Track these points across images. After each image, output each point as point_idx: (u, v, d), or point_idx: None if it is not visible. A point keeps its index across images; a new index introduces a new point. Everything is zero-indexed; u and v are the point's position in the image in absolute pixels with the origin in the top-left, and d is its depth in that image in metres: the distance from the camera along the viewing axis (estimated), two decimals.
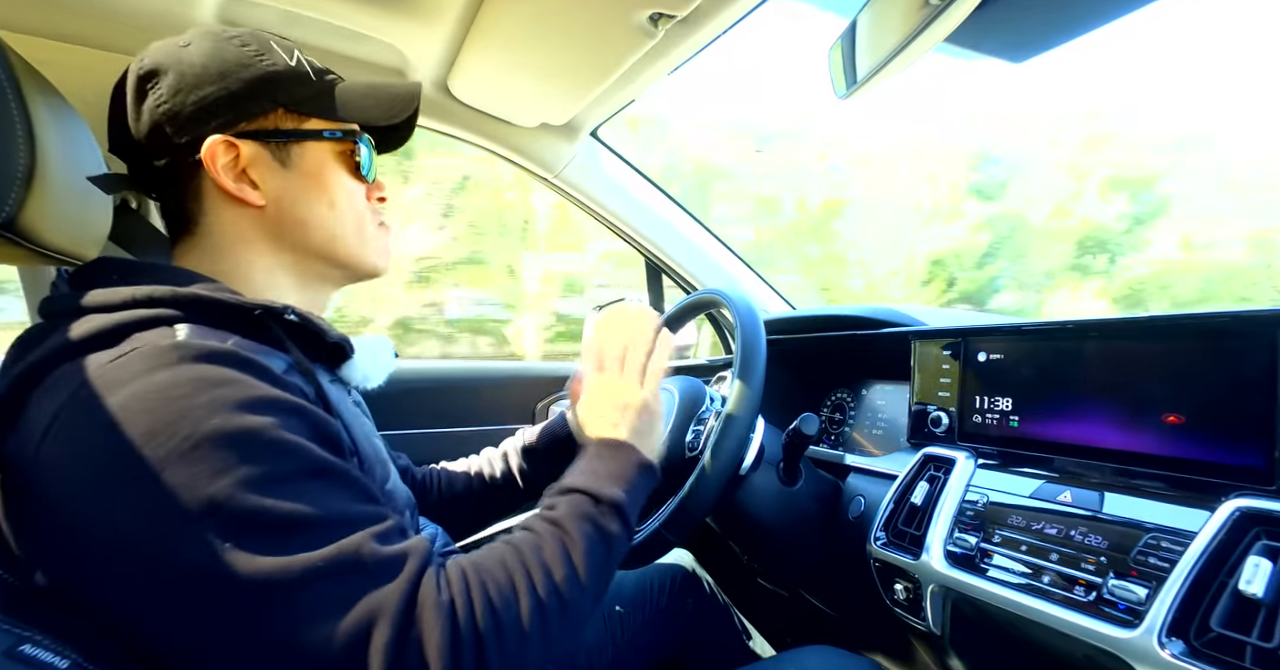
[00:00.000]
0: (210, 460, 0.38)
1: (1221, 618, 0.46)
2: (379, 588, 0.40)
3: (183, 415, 0.39)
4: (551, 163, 1.22)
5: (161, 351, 0.41)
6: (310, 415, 0.45)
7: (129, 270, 0.50)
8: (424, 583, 0.42)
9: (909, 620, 0.73)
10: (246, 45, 0.55)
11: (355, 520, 0.42)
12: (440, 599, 0.42)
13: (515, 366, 1.43)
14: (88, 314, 0.44)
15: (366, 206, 0.62)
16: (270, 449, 0.40)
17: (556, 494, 0.56)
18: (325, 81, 0.59)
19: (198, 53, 0.53)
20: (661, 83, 1.00)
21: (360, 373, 0.60)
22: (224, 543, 0.37)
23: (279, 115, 0.56)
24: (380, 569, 0.41)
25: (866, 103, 0.75)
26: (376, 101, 0.60)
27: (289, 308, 0.51)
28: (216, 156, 0.52)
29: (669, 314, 0.95)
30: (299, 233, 0.57)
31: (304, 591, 0.38)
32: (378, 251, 0.63)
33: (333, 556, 0.39)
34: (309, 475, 0.42)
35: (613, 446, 0.61)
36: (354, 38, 0.91)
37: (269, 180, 0.55)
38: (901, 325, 0.94)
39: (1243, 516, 0.49)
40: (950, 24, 0.57)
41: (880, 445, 1.03)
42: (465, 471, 0.88)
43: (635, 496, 0.57)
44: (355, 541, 0.40)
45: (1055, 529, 0.61)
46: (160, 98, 0.52)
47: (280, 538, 0.39)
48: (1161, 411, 0.59)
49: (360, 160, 0.60)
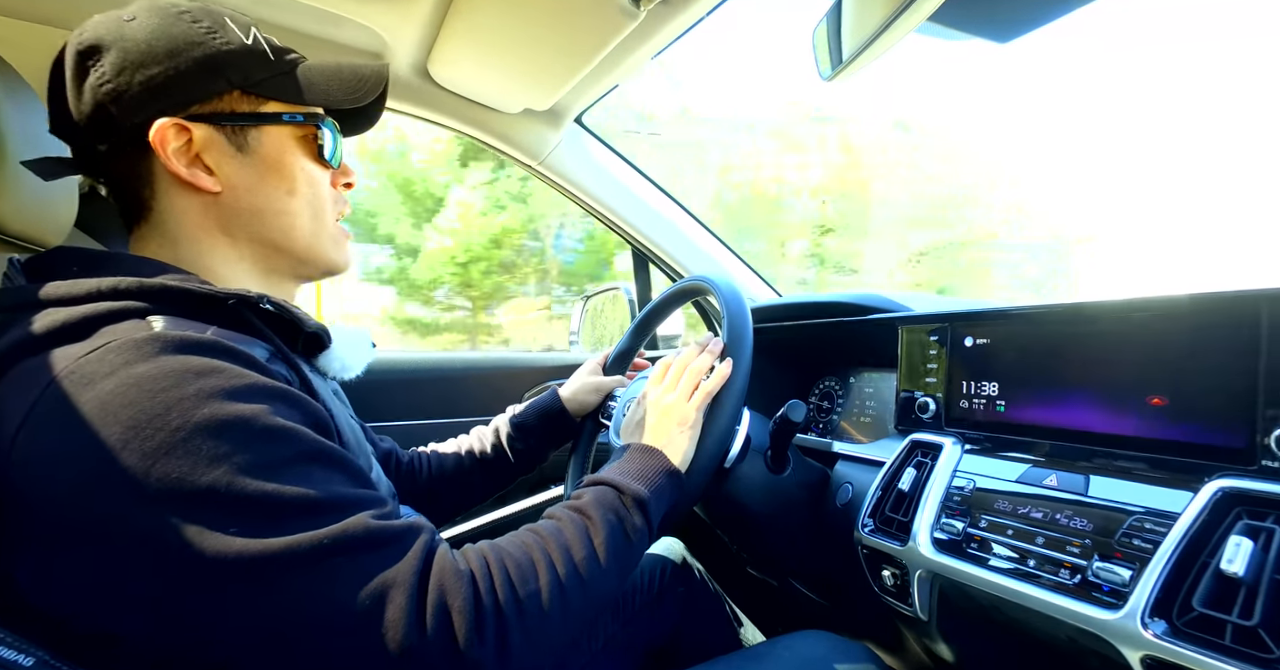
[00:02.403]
0: (205, 450, 0.37)
1: (1203, 597, 0.46)
2: (390, 561, 0.40)
3: (170, 407, 0.37)
4: (535, 149, 1.20)
5: (138, 343, 0.39)
6: (300, 401, 0.44)
7: (89, 261, 0.48)
8: (437, 555, 0.43)
9: (897, 606, 0.73)
10: (198, 21, 0.51)
11: (356, 501, 0.42)
12: (459, 567, 0.43)
13: (502, 357, 1.42)
14: (48, 307, 0.42)
15: (330, 194, 0.59)
16: (265, 435, 0.40)
17: (583, 486, 0.58)
18: (285, 61, 0.56)
19: (143, 28, 0.49)
20: (645, 67, 0.99)
21: (338, 363, 0.59)
22: (228, 529, 0.37)
23: (234, 97, 0.53)
24: (388, 544, 0.41)
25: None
26: (341, 82, 0.57)
27: (264, 297, 0.49)
28: (167, 140, 0.49)
29: (655, 302, 0.94)
30: (255, 222, 0.55)
31: (314, 569, 0.38)
32: (337, 247, 0.60)
33: (338, 534, 0.39)
34: (307, 459, 0.42)
35: (644, 451, 0.63)
36: (330, 20, 0.89)
37: (224, 165, 0.52)
38: (888, 311, 0.93)
39: (1225, 497, 0.49)
40: (935, 1, 0.56)
41: (868, 432, 1.03)
42: (455, 451, 0.88)
43: (659, 497, 0.59)
44: (359, 520, 0.40)
45: (1041, 513, 0.61)
46: (103, 76, 0.48)
47: (284, 521, 0.38)
48: (1146, 394, 0.59)
49: (324, 144, 0.57)
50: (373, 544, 0.40)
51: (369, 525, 0.40)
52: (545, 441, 0.90)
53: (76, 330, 0.41)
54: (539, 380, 1.35)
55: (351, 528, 0.40)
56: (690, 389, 0.69)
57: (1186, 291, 0.57)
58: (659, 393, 0.70)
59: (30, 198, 0.54)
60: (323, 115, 0.58)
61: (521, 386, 1.33)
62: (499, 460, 0.88)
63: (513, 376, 1.35)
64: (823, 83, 0.74)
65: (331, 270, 0.61)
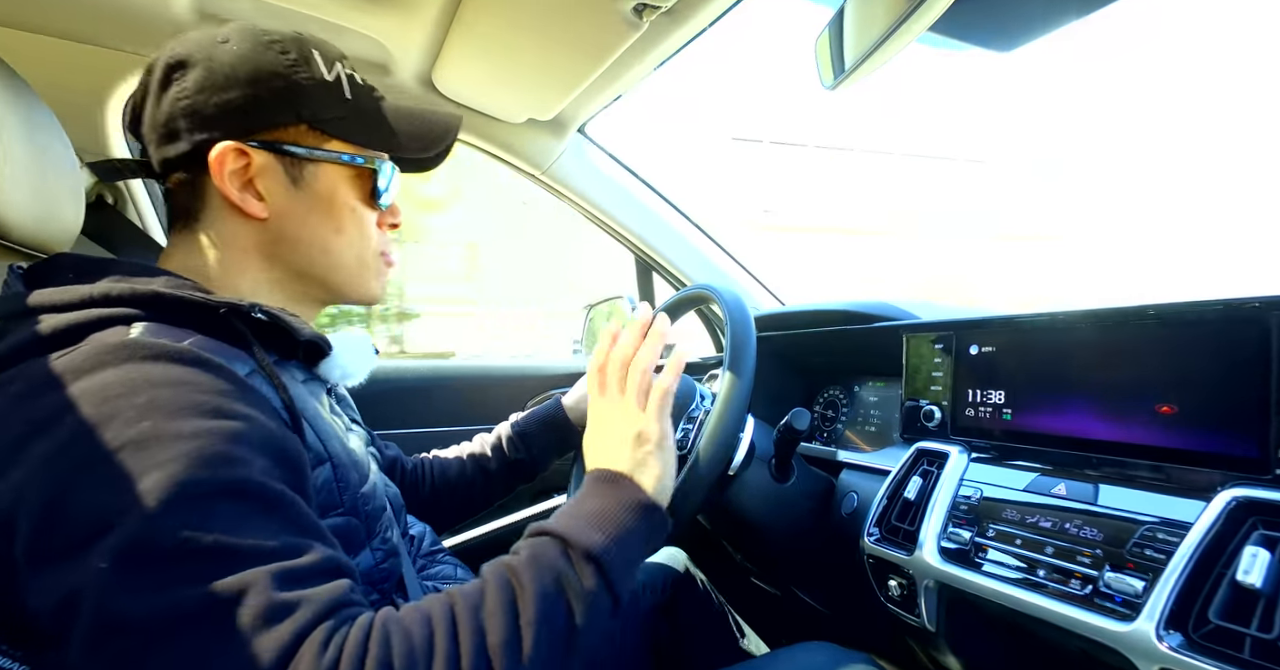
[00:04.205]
0: (124, 467, 0.35)
1: (1220, 609, 0.45)
2: (258, 636, 0.34)
3: (115, 414, 0.36)
4: (539, 159, 1.21)
5: (110, 349, 0.39)
6: (261, 427, 0.41)
7: (85, 267, 0.48)
8: (308, 641, 0.35)
9: (903, 617, 0.72)
10: (286, 52, 0.52)
11: (259, 554, 0.37)
12: (321, 660, 0.35)
13: (505, 365, 1.42)
14: (41, 314, 0.42)
15: (375, 234, 0.59)
16: (197, 460, 0.36)
17: (527, 536, 0.47)
18: (362, 101, 0.56)
19: (232, 53, 0.51)
20: (649, 77, 0.99)
21: (339, 370, 0.58)
22: (107, 567, 0.34)
23: (301, 130, 0.53)
24: (261, 619, 0.35)
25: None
26: (411, 130, 0.57)
27: (255, 305, 0.48)
28: (225, 162, 0.50)
29: (658, 310, 0.93)
30: (297, 252, 0.55)
31: (172, 628, 0.34)
32: (377, 283, 0.60)
33: (214, 594, 0.34)
34: (229, 496, 0.37)
35: (607, 481, 0.51)
36: (335, 31, 0.90)
37: (276, 195, 0.53)
38: (893, 319, 0.93)
39: (1239, 506, 0.48)
40: (937, 10, 0.57)
41: (872, 441, 1.03)
42: (458, 457, 0.88)
43: (626, 543, 0.47)
44: (245, 580, 0.35)
45: (1050, 522, 0.60)
46: (184, 91, 0.50)
47: (162, 567, 0.34)
48: (1155, 402, 0.58)
49: (379, 187, 0.57)
50: (244, 615, 0.34)
51: (250, 590, 0.35)
52: (547, 450, 0.90)
53: (66, 337, 0.41)
54: (542, 388, 1.34)
55: (228, 590, 0.35)
56: (639, 393, 0.56)
57: (1195, 298, 0.56)
58: (603, 406, 0.58)
59: (35, 206, 0.54)
60: (384, 158, 0.58)
61: (525, 395, 1.32)
62: (501, 468, 0.87)
63: (516, 385, 1.35)
64: (825, 91, 0.74)
65: (367, 302, 0.60)
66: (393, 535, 0.58)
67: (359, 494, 0.53)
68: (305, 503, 0.42)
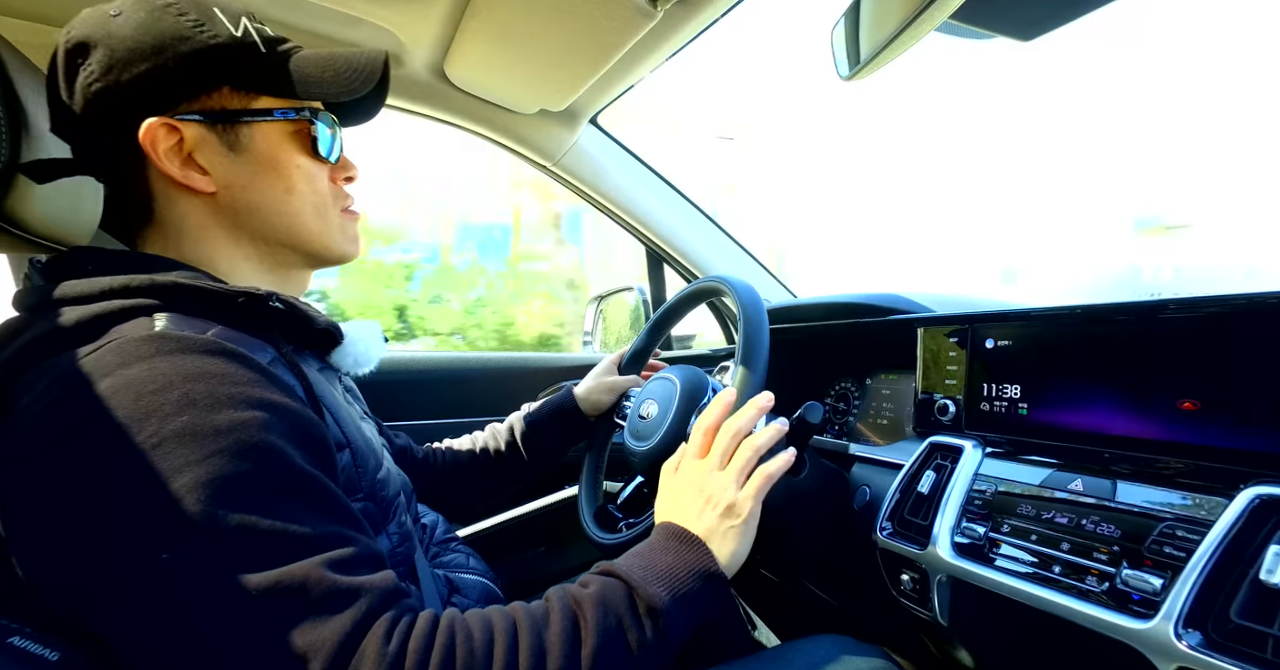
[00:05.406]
0: (172, 459, 0.36)
1: (1241, 608, 0.44)
2: (319, 624, 0.36)
3: (151, 411, 0.37)
4: (551, 150, 1.20)
5: (137, 344, 0.39)
6: (292, 415, 0.42)
7: (104, 260, 0.48)
8: (374, 626, 0.37)
9: (916, 611, 0.72)
10: (184, 14, 0.49)
11: (313, 542, 0.38)
12: (386, 649, 0.37)
13: (517, 356, 1.42)
14: (64, 306, 0.43)
15: (330, 190, 0.57)
16: (238, 453, 0.37)
17: (597, 572, 0.49)
18: (276, 53, 0.53)
19: (129, 23, 0.47)
20: (662, 67, 0.98)
21: (351, 358, 0.59)
22: (166, 553, 0.35)
23: (224, 93, 0.51)
24: (325, 603, 0.36)
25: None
26: (335, 74, 0.54)
27: (273, 294, 0.49)
28: (157, 140, 0.48)
29: (670, 302, 0.93)
30: (256, 220, 0.53)
31: (234, 618, 0.35)
32: (346, 237, 0.59)
33: (272, 584, 0.35)
34: (274, 487, 0.38)
35: (682, 540, 0.52)
36: (346, 21, 0.89)
37: (218, 165, 0.51)
38: (907, 312, 0.92)
39: (1262, 504, 0.47)
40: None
41: (885, 435, 1.02)
42: (470, 447, 0.89)
43: (685, 607, 0.48)
44: (304, 568, 0.37)
45: (1066, 518, 0.60)
46: (91, 75, 0.47)
47: (224, 554, 0.36)
48: (1175, 397, 0.57)
49: (318, 139, 0.55)
50: (308, 599, 0.36)
51: (310, 577, 0.36)
52: (559, 440, 0.90)
53: (89, 329, 0.41)
54: (554, 380, 1.35)
55: (292, 577, 0.36)
56: (743, 468, 0.57)
57: (1215, 292, 0.55)
58: (700, 470, 0.58)
59: (55, 200, 0.55)
60: (318, 109, 0.56)
61: (536, 386, 1.33)
62: (513, 458, 0.88)
63: (527, 376, 1.36)
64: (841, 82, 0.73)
65: (342, 260, 0.60)
66: (406, 521, 0.58)
67: (376, 479, 0.53)
68: (340, 490, 0.43)
